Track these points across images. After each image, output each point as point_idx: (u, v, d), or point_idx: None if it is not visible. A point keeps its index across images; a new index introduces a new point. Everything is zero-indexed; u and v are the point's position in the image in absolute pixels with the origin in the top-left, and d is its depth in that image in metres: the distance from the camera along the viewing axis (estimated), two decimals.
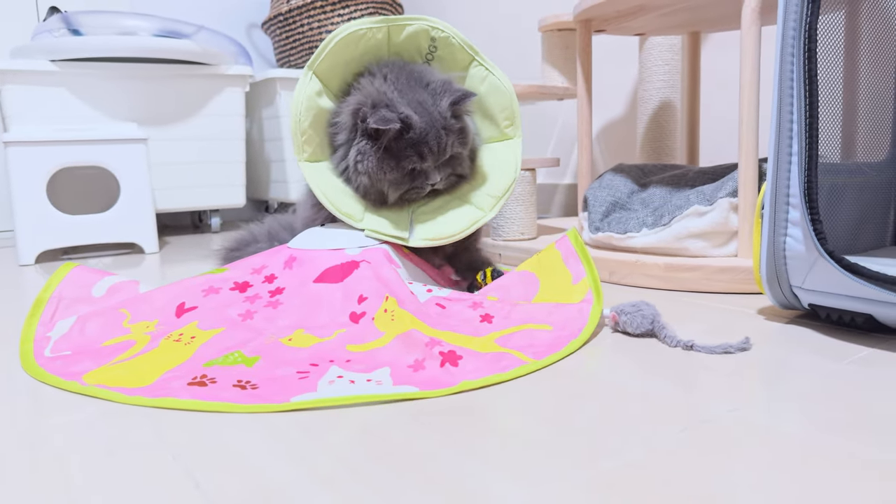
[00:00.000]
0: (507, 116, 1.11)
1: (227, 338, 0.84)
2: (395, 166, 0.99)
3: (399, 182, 1.01)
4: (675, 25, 1.42)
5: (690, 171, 1.25)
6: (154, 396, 0.68)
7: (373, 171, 0.99)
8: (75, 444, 0.58)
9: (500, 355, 0.75)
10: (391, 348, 0.78)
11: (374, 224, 1.02)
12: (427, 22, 1.06)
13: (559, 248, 0.96)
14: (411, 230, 1.04)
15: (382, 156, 0.98)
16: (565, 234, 0.97)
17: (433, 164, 1.01)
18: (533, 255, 1.31)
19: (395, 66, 1.04)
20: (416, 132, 0.98)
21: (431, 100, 1.00)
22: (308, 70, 1.01)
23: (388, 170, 0.99)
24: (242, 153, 2.26)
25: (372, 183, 1.01)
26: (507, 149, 1.11)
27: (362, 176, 1.00)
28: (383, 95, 0.98)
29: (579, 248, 0.94)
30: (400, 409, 0.64)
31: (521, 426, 0.58)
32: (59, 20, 1.98)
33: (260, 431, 0.61)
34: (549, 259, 0.97)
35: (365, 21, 1.02)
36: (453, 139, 1.01)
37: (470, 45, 1.09)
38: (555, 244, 0.98)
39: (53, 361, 0.80)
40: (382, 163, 0.98)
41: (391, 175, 1.00)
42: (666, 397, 0.64)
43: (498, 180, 1.08)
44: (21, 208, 1.67)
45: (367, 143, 0.99)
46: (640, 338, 0.83)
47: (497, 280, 1.01)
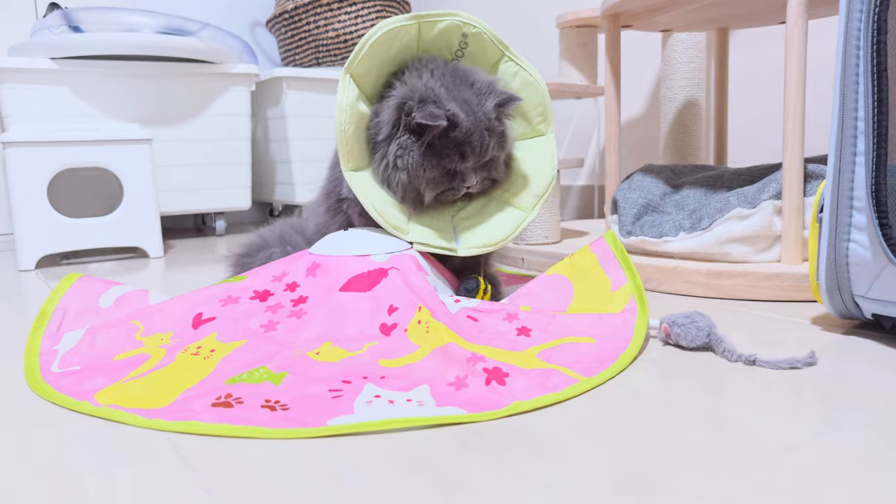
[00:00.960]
0: (540, 113, 1.07)
1: (248, 351, 0.78)
2: (435, 164, 0.95)
3: (437, 182, 0.97)
4: (702, 21, 1.37)
5: (726, 172, 1.19)
6: (175, 419, 0.62)
7: (412, 167, 0.94)
8: (84, 456, 0.52)
9: (547, 372, 0.69)
10: (428, 363, 0.73)
11: (420, 235, 0.98)
12: (459, 17, 1.01)
13: (595, 251, 0.91)
14: (457, 238, 1.00)
15: (424, 152, 0.94)
16: (602, 236, 0.92)
17: (473, 165, 0.97)
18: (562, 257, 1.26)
19: (438, 63, 1.00)
20: (460, 131, 0.94)
21: (476, 99, 0.97)
22: (345, 73, 0.96)
23: (429, 167, 0.95)
24: (248, 154, 2.20)
25: (409, 180, 0.96)
26: (541, 146, 1.08)
27: (401, 172, 0.95)
28: (430, 91, 0.94)
29: (619, 252, 0.88)
30: (445, 430, 0.58)
31: (585, 453, 0.52)
32: (58, 17, 1.91)
33: (288, 452, 0.55)
34: (584, 263, 0.91)
35: (397, 19, 0.97)
36: (494, 141, 0.98)
37: (500, 40, 1.04)
38: (589, 246, 0.92)
39: (62, 378, 0.74)
40: (423, 159, 0.94)
41: (430, 173, 0.95)
42: (737, 420, 0.58)
43: (537, 179, 1.05)
44: (21, 211, 1.61)
45: (410, 137, 0.94)
46: (694, 351, 0.78)
47: (527, 286, 0.95)
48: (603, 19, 1.27)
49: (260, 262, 1.17)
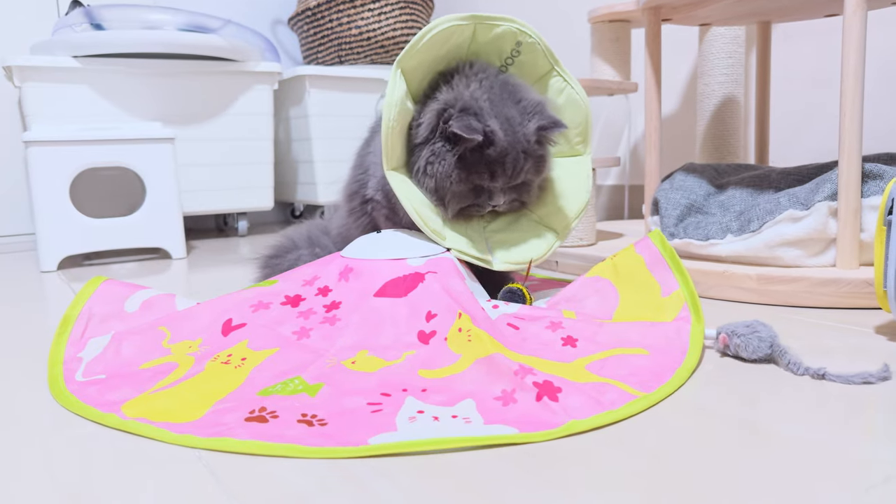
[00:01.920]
0: (581, 133, 1.04)
1: (281, 360, 0.74)
2: (464, 178, 0.91)
3: (462, 196, 0.94)
4: (745, 14, 1.31)
5: (772, 171, 1.14)
6: (207, 435, 0.58)
7: (440, 176, 0.91)
8: (110, 473, 0.48)
9: (601, 387, 0.64)
10: (472, 375, 0.68)
11: (456, 242, 0.94)
12: (516, 24, 0.97)
13: (641, 253, 0.86)
14: (490, 251, 0.97)
15: (455, 164, 0.91)
16: (647, 235, 0.86)
17: (503, 185, 0.94)
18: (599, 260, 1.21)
19: (490, 73, 0.96)
20: (495, 150, 0.90)
21: (520, 118, 0.92)
22: (397, 68, 0.92)
23: (457, 180, 0.91)
24: (271, 154, 2.17)
25: (436, 188, 0.93)
26: (577, 165, 1.05)
27: (429, 179, 0.93)
28: (474, 102, 0.91)
29: (668, 254, 0.83)
30: (494, 449, 0.54)
31: (651, 480, 0.48)
32: (80, 14, 1.89)
33: (326, 471, 0.51)
34: (629, 265, 0.86)
35: (454, 17, 0.93)
36: (530, 165, 0.94)
37: (552, 53, 1.02)
38: (634, 247, 0.87)
39: (86, 388, 0.71)
40: (453, 171, 0.91)
41: (457, 186, 0.92)
42: (814, 441, 0.53)
43: (571, 201, 1.03)
44: (43, 211, 1.58)
45: (445, 146, 0.91)
46: (756, 363, 0.73)
47: (567, 289, 0.91)
48: (643, 12, 1.22)
49: (289, 264, 1.13)
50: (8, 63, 1.76)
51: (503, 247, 0.98)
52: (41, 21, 2.17)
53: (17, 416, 0.66)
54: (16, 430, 0.62)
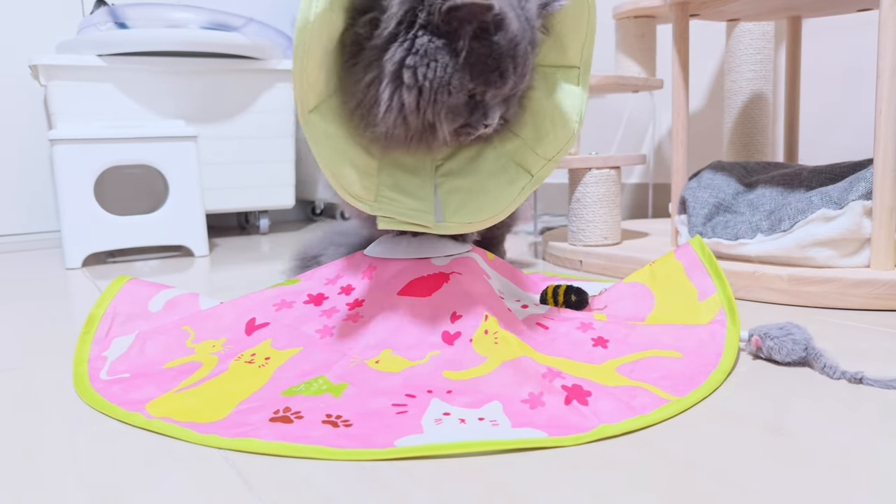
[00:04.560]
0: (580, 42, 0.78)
1: (305, 359, 0.74)
2: (465, 83, 0.68)
3: (457, 112, 0.70)
4: (775, 9, 1.28)
5: (803, 170, 1.11)
6: (232, 435, 0.57)
7: (434, 83, 0.66)
8: (135, 472, 0.48)
9: (632, 390, 0.63)
10: (498, 377, 0.67)
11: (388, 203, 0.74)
12: None
13: (680, 259, 0.84)
14: (437, 205, 0.76)
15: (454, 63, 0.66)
16: (688, 242, 0.85)
17: (509, 90, 0.71)
18: (623, 259, 1.19)
19: None
20: (505, 35, 0.67)
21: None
22: None
23: (457, 87, 0.68)
24: (292, 152, 2.17)
25: (418, 107, 0.68)
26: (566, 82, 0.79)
27: (410, 91, 0.67)
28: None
29: (707, 259, 0.81)
30: (523, 452, 0.53)
31: (687, 488, 0.46)
32: (105, 13, 1.90)
33: (352, 471, 0.51)
34: (667, 270, 0.84)
35: None
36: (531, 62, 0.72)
37: None
38: (674, 253, 0.85)
39: (111, 386, 0.71)
40: (452, 73, 0.66)
41: (455, 97, 0.68)
42: (850, 447, 0.51)
43: (553, 129, 0.78)
44: (68, 209, 1.59)
45: (432, 40, 0.66)
46: (789, 366, 0.71)
47: (603, 293, 0.89)
48: (670, 8, 1.20)
49: None
50: (34, 62, 1.77)
51: (456, 196, 0.76)
52: (66, 20, 2.19)
53: (43, 413, 0.66)
54: (43, 428, 0.62)
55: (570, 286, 0.88)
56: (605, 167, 1.30)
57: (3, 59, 2.14)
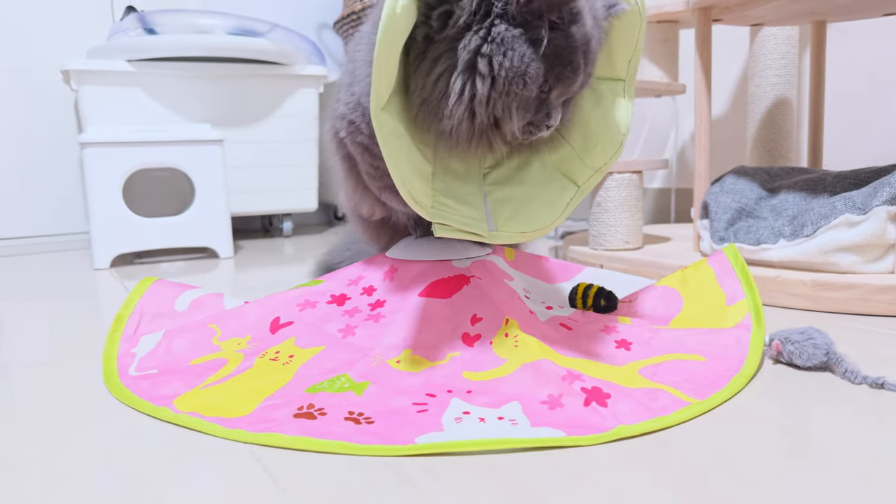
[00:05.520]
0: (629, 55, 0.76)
1: (327, 357, 0.75)
2: (540, 76, 0.66)
3: (528, 106, 0.68)
4: (800, 14, 1.28)
5: (827, 175, 1.11)
6: (257, 430, 0.58)
7: (511, 73, 0.64)
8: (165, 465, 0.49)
9: (653, 392, 0.63)
10: (517, 379, 0.68)
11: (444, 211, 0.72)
12: None
13: (712, 265, 0.84)
14: (487, 214, 0.75)
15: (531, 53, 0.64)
16: (721, 249, 0.85)
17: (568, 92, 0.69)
18: (646, 264, 1.19)
19: None
20: (581, 30, 0.66)
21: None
22: None
23: (532, 79, 0.65)
24: (316, 156, 2.19)
25: (488, 98, 0.66)
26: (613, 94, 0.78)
27: (484, 81, 0.65)
28: None
29: (738, 265, 0.82)
30: (542, 452, 0.54)
31: (708, 487, 0.46)
32: (135, 20, 1.95)
33: (375, 468, 0.52)
34: (699, 276, 0.84)
35: None
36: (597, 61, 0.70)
37: None
38: (706, 260, 0.86)
39: (140, 381, 0.73)
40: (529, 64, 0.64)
41: (528, 90, 0.66)
42: (871, 453, 0.51)
43: (600, 141, 0.76)
44: (97, 210, 1.63)
45: (508, 28, 0.64)
46: (810, 371, 0.70)
47: (630, 295, 0.89)
48: (693, 12, 1.20)
49: None
50: (66, 67, 1.81)
51: (505, 206, 0.75)
52: (97, 27, 2.24)
53: (74, 408, 0.68)
54: (74, 422, 0.64)
55: (601, 289, 0.87)
56: (627, 171, 1.30)
57: (37, 65, 2.19)
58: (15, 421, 0.65)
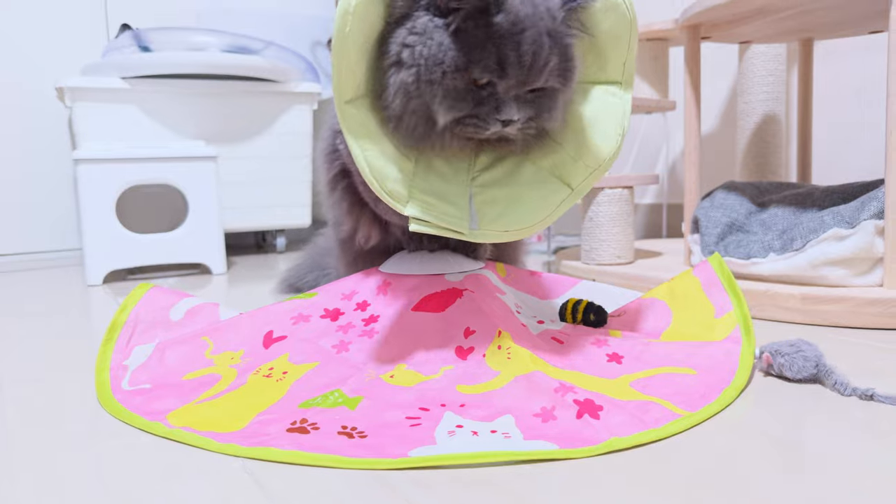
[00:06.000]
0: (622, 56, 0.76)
1: (321, 373, 0.75)
2: (461, 65, 0.65)
3: (458, 97, 0.67)
4: (787, 31, 1.30)
5: (815, 189, 1.12)
6: (250, 444, 0.59)
7: (427, 64, 0.65)
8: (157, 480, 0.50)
9: (645, 404, 0.64)
10: (510, 392, 0.68)
11: (420, 206, 0.71)
12: None
13: (698, 275, 0.85)
14: (472, 214, 0.74)
15: (449, 42, 0.65)
16: (706, 259, 0.86)
17: (517, 84, 0.67)
18: (637, 279, 1.20)
19: None
20: (507, 18, 0.64)
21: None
22: None
23: (450, 68, 0.65)
24: (310, 173, 2.20)
25: (417, 87, 0.66)
26: (610, 96, 0.76)
27: (408, 71, 0.66)
28: None
29: (724, 277, 0.82)
30: (535, 465, 0.54)
31: (699, 499, 0.47)
32: (129, 37, 1.96)
33: (368, 482, 0.52)
34: (685, 287, 0.85)
35: None
36: (556, 58, 0.67)
37: None
38: (692, 270, 0.86)
39: (133, 396, 0.72)
40: (445, 52, 0.65)
41: (451, 79, 0.65)
42: (862, 464, 0.51)
43: (595, 142, 0.75)
44: (90, 227, 1.63)
45: (431, 18, 0.66)
46: (800, 383, 0.71)
47: (620, 309, 0.90)
48: (681, 30, 1.22)
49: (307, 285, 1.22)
50: (61, 84, 1.82)
51: (492, 207, 0.73)
52: (91, 45, 2.25)
53: (66, 424, 0.68)
54: (67, 438, 0.64)
55: (591, 304, 0.88)
56: (618, 187, 1.31)
57: (31, 82, 2.20)
58: (7, 437, 0.64)
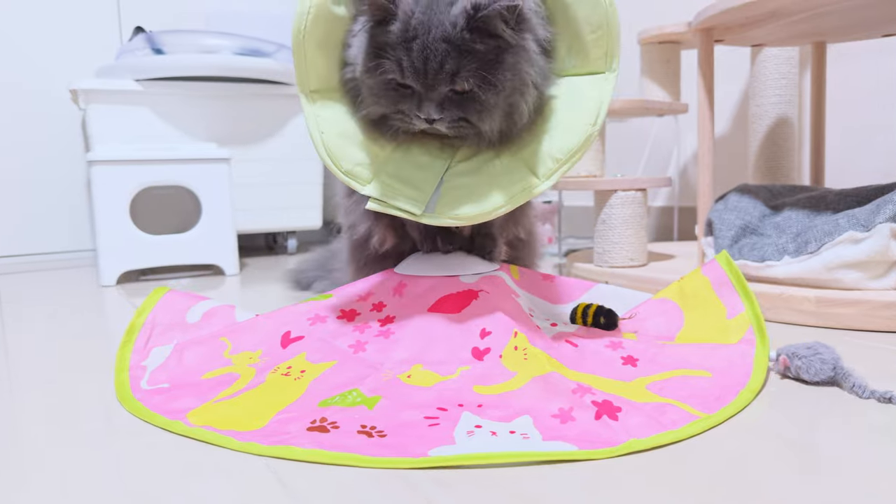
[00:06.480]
0: (600, 39, 0.77)
1: (339, 372, 0.76)
2: (373, 67, 0.73)
3: (379, 94, 0.74)
4: (800, 34, 1.30)
5: (829, 192, 1.12)
6: (270, 443, 0.59)
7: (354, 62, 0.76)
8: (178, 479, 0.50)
9: (662, 407, 0.64)
10: (528, 393, 0.68)
11: (381, 187, 0.78)
12: None
13: (707, 275, 0.85)
14: (434, 197, 0.78)
15: (366, 43, 0.73)
16: (714, 258, 0.86)
17: (424, 87, 0.72)
18: (649, 281, 1.20)
19: None
20: (398, 27, 0.71)
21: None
22: None
23: (366, 68, 0.73)
24: (320, 174, 2.21)
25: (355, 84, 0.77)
26: (590, 87, 0.78)
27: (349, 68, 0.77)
28: None
29: (734, 276, 0.82)
30: (554, 466, 0.54)
31: (727, 501, 0.47)
32: (143, 40, 1.97)
33: (389, 480, 0.52)
34: (695, 287, 0.85)
35: None
36: (467, 66, 0.70)
37: None
38: (701, 269, 0.86)
39: (152, 396, 0.73)
40: (364, 54, 0.73)
41: (370, 78, 0.74)
42: (881, 467, 0.51)
43: (564, 134, 0.77)
44: (104, 228, 1.64)
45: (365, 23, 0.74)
46: (817, 386, 0.71)
47: (631, 310, 0.90)
48: (695, 33, 1.22)
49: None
50: (75, 86, 1.83)
51: (454, 193, 0.78)
52: (104, 48, 2.27)
53: (85, 423, 0.68)
54: (85, 436, 0.65)
55: (601, 307, 0.88)
56: (632, 189, 1.31)
57: (44, 85, 2.22)
58: (27, 435, 0.65)
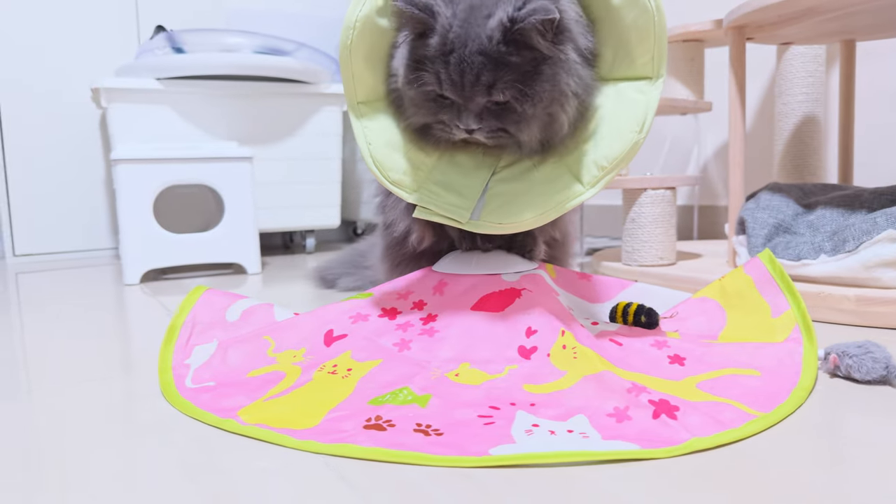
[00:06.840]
0: (649, 49, 0.75)
1: (386, 370, 0.75)
2: (413, 79, 0.75)
3: (419, 105, 0.77)
4: (830, 33, 1.29)
5: (864, 191, 1.11)
6: (328, 441, 0.59)
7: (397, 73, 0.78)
8: (242, 476, 0.50)
9: (718, 405, 0.64)
10: (581, 391, 0.68)
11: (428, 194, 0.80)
12: None
13: (750, 273, 0.84)
14: (479, 204, 0.79)
15: (406, 56, 0.75)
16: (757, 256, 0.85)
17: (462, 98, 0.73)
18: (679, 280, 1.20)
19: None
20: (436, 40, 0.72)
21: (490, 5, 0.71)
22: None
23: (407, 80, 0.76)
24: (339, 173, 2.21)
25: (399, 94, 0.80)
26: (636, 92, 0.77)
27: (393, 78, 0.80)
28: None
29: (778, 274, 0.82)
30: (615, 465, 0.54)
31: (796, 499, 0.47)
32: (163, 39, 1.97)
33: (450, 478, 0.52)
34: (737, 286, 0.85)
35: None
36: (504, 77, 0.71)
37: None
38: (743, 268, 0.86)
39: (199, 394, 0.73)
40: (406, 66, 0.76)
41: (413, 90, 0.75)
42: None
43: (609, 141, 0.77)
44: (128, 227, 1.64)
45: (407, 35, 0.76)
46: (869, 385, 0.71)
47: (672, 309, 0.90)
48: (727, 32, 1.22)
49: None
50: (96, 85, 1.84)
51: (500, 198, 0.79)
52: (125, 47, 2.27)
53: (137, 422, 0.68)
54: (140, 436, 0.65)
55: (641, 306, 0.87)
56: (661, 188, 1.31)
57: (64, 85, 2.22)
58: (82, 436, 0.65)
